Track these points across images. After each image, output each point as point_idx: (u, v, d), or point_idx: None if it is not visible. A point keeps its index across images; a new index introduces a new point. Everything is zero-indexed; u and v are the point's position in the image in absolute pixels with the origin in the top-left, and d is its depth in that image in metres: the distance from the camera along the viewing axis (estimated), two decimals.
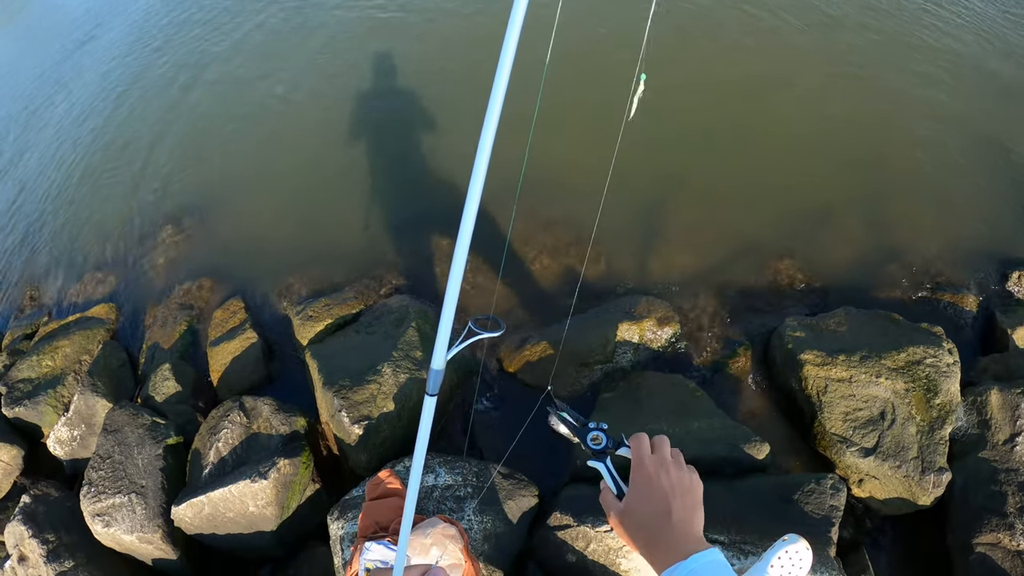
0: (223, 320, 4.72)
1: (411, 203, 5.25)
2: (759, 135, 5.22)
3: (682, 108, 5.35)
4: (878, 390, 3.49)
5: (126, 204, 6.12)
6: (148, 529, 3.77)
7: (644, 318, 4.14)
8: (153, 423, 4.13)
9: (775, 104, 5.46)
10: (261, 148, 6.12)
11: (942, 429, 3.41)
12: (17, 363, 4.99)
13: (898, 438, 3.38)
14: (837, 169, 4.96)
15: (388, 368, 3.91)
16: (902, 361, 3.56)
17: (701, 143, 5.22)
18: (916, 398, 3.45)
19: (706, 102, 5.48)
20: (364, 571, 3.00)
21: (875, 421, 3.45)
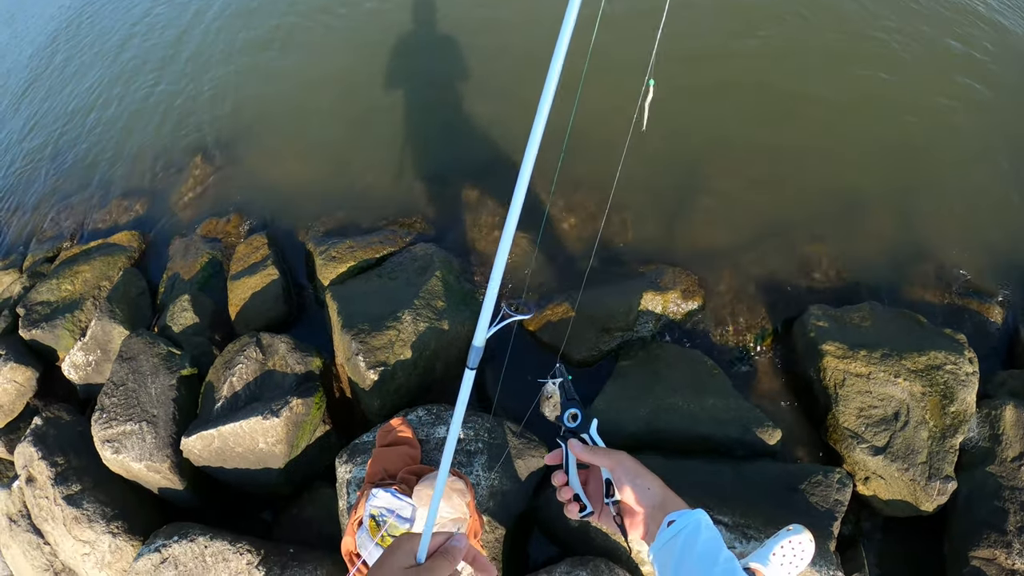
0: (245, 255, 4.64)
1: (444, 152, 5.12)
2: (797, 112, 4.99)
3: (721, 78, 5.17)
4: (895, 390, 3.42)
5: (159, 133, 6.06)
6: (157, 458, 3.73)
7: (669, 289, 4.04)
8: (169, 353, 4.07)
9: (816, 81, 5.19)
10: (298, 85, 6.01)
11: (953, 438, 3.34)
12: (37, 286, 4.96)
13: (909, 441, 3.32)
14: (874, 156, 4.74)
15: (408, 316, 3.82)
16: (922, 364, 3.48)
17: (737, 116, 5.00)
18: (932, 403, 3.39)
19: (746, 74, 5.25)
20: (369, 517, 2.93)
21: (888, 421, 3.39)
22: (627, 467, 1.22)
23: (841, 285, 4.18)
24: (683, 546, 1.10)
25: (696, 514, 1.14)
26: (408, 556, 1.07)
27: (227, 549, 3.39)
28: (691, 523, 1.12)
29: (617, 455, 1.24)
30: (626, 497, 1.21)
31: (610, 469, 1.24)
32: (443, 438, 3.38)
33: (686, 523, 1.12)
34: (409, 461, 3.20)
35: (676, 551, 1.10)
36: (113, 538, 3.69)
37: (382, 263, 4.37)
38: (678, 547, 1.10)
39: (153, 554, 3.48)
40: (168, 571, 3.44)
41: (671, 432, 3.47)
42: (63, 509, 3.77)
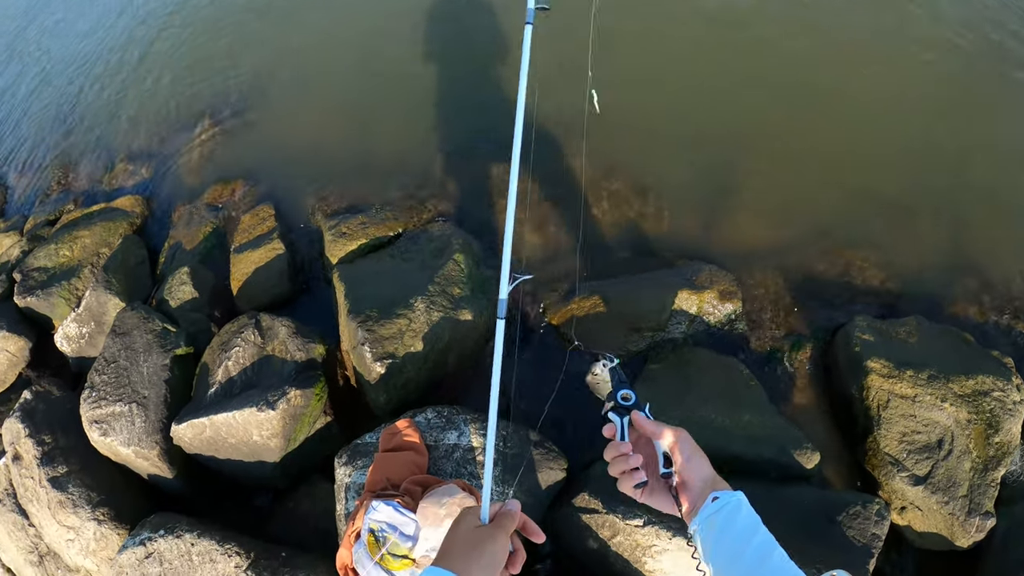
0: (251, 226, 4.34)
1: (471, 125, 4.74)
2: (851, 110, 4.60)
3: (772, 70, 4.80)
4: (941, 415, 3.20)
5: (168, 93, 5.77)
6: (145, 444, 3.48)
7: (705, 289, 3.71)
8: (164, 330, 3.80)
9: (870, 77, 4.76)
10: (318, 46, 5.65)
11: (996, 470, 3.13)
12: (35, 250, 4.72)
13: (951, 472, 3.11)
14: (928, 161, 4.36)
15: (421, 303, 3.49)
16: (969, 388, 3.24)
17: (789, 110, 4.63)
18: (976, 432, 3.17)
19: (798, 68, 4.85)
20: (368, 531, 2.65)
21: (932, 448, 3.17)
22: (688, 442, 1.30)
23: (886, 295, 3.91)
24: (724, 521, 1.19)
25: (738, 495, 1.24)
26: (475, 519, 1.24)
27: (215, 549, 3.14)
28: (733, 501, 1.22)
29: (679, 430, 1.32)
30: (682, 471, 1.28)
31: (673, 441, 1.30)
32: (453, 444, 3.07)
33: (728, 500, 1.22)
34: (414, 469, 2.89)
35: (717, 525, 1.19)
36: (98, 525, 3.46)
37: (395, 242, 4.06)
38: (719, 521, 1.20)
39: (138, 547, 3.25)
40: (153, 567, 3.20)
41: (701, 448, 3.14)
42: (48, 492, 3.55)
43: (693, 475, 1.27)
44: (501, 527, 1.21)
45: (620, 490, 1.31)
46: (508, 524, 1.22)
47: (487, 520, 1.24)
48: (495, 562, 1.17)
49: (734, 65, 4.79)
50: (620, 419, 1.38)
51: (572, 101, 3.05)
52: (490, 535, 1.19)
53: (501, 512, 1.25)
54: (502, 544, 1.19)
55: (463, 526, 1.22)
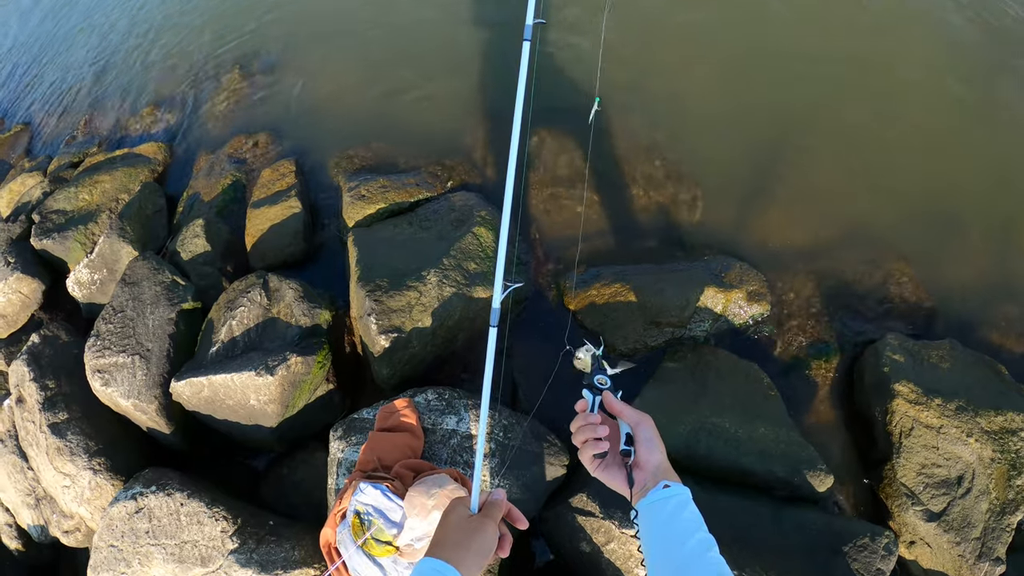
0: (270, 181, 4.22)
1: (502, 99, 4.52)
2: (904, 115, 4.28)
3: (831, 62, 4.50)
4: (964, 451, 3.02)
5: (198, 41, 5.68)
6: (145, 398, 3.41)
7: (734, 288, 3.51)
8: (173, 282, 3.71)
9: (930, 85, 4.42)
10: (351, 9, 5.45)
11: (1013, 515, 2.95)
12: (56, 192, 4.66)
13: (968, 512, 2.93)
14: (977, 179, 4.04)
15: (434, 276, 3.33)
16: (997, 425, 3.05)
17: (842, 104, 4.33)
18: (999, 472, 2.99)
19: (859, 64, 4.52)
20: (354, 513, 2.53)
21: (951, 484, 2.99)
22: (649, 427, 1.33)
23: (922, 313, 3.67)
24: (671, 511, 1.23)
25: (687, 490, 1.27)
26: (464, 510, 1.31)
27: (203, 511, 3.06)
28: (683, 495, 1.25)
29: (644, 415, 1.35)
30: (639, 452, 1.31)
31: (635, 423, 1.33)
32: (452, 429, 2.92)
33: (679, 492, 1.25)
34: (408, 453, 2.76)
35: (665, 512, 1.23)
36: (94, 475, 3.41)
37: (416, 209, 3.89)
38: (667, 510, 1.23)
39: (129, 501, 3.20)
40: (142, 522, 3.15)
41: (711, 459, 3.03)
42: (47, 437, 3.51)
43: (649, 458, 1.30)
44: (489, 516, 1.29)
45: (580, 459, 1.36)
46: (496, 513, 1.30)
47: (476, 510, 1.31)
48: (486, 549, 1.24)
49: (790, 54, 4.51)
50: (592, 396, 1.41)
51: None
52: (480, 525, 1.26)
53: (489, 502, 1.32)
54: (492, 532, 1.27)
55: (454, 516, 1.29)
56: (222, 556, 2.97)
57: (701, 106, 4.26)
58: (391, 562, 2.49)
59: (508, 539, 1.33)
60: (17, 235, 4.56)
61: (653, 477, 1.28)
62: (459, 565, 1.19)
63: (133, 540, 3.12)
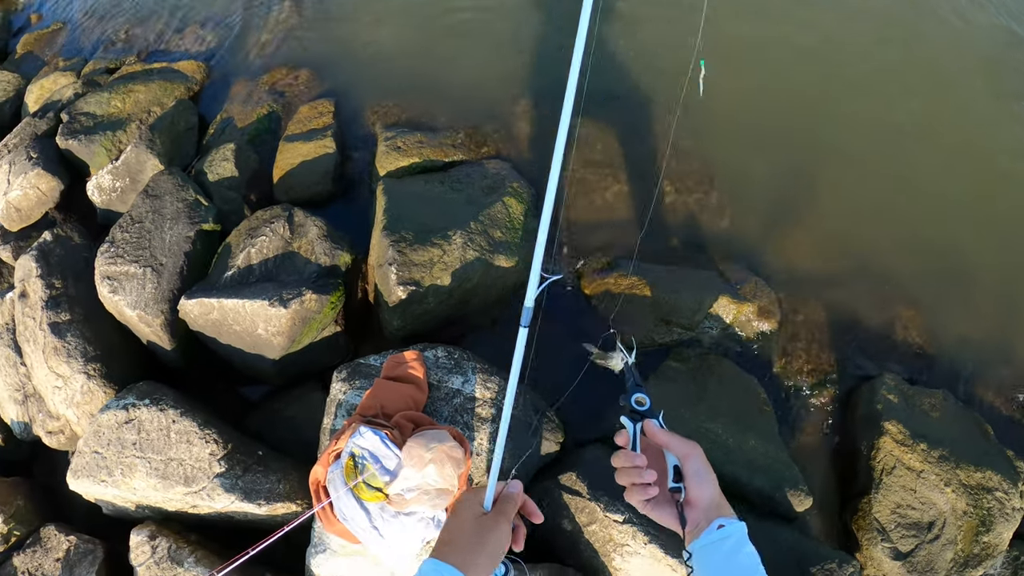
0: (307, 117, 4.18)
1: (550, 72, 4.48)
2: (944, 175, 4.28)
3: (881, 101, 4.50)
4: (940, 498, 3.10)
5: None
6: (152, 311, 3.39)
7: (747, 301, 3.54)
8: (196, 201, 3.68)
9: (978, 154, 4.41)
10: None
11: (975, 569, 3.06)
12: (88, 94, 4.61)
13: (933, 557, 3.02)
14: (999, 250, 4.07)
15: (460, 238, 3.32)
16: (975, 480, 3.14)
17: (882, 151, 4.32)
18: (968, 525, 3.07)
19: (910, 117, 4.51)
20: (348, 455, 2.53)
21: (921, 528, 3.07)
22: (698, 458, 1.23)
23: (920, 359, 3.71)
24: (728, 552, 1.16)
25: (742, 526, 1.19)
26: (476, 506, 1.22)
27: (194, 431, 3.06)
28: (738, 534, 1.17)
29: (692, 444, 1.25)
30: (690, 488, 1.21)
31: (684, 456, 1.24)
32: (456, 389, 2.92)
33: (735, 531, 1.17)
34: (411, 404, 2.76)
35: (722, 553, 1.16)
36: (87, 379, 3.39)
37: (448, 169, 3.86)
38: (723, 551, 1.16)
39: (120, 411, 3.19)
40: (130, 433, 3.14)
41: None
42: (46, 335, 3.49)
43: (701, 494, 1.21)
44: (503, 514, 1.20)
45: (626, 499, 1.27)
46: (510, 510, 1.22)
47: (490, 506, 1.22)
48: (498, 551, 1.17)
49: (846, 87, 4.50)
50: (633, 425, 1.32)
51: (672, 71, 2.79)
52: (493, 524, 1.18)
53: (503, 497, 1.23)
54: (505, 532, 1.19)
55: (465, 515, 1.21)
56: (207, 478, 2.96)
57: (744, 120, 4.25)
58: (378, 508, 2.50)
59: (521, 532, 1.26)
60: (43, 131, 4.51)
61: (706, 515, 1.20)
62: (468, 570, 1.10)
63: (119, 449, 3.11)
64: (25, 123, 4.60)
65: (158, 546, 3.04)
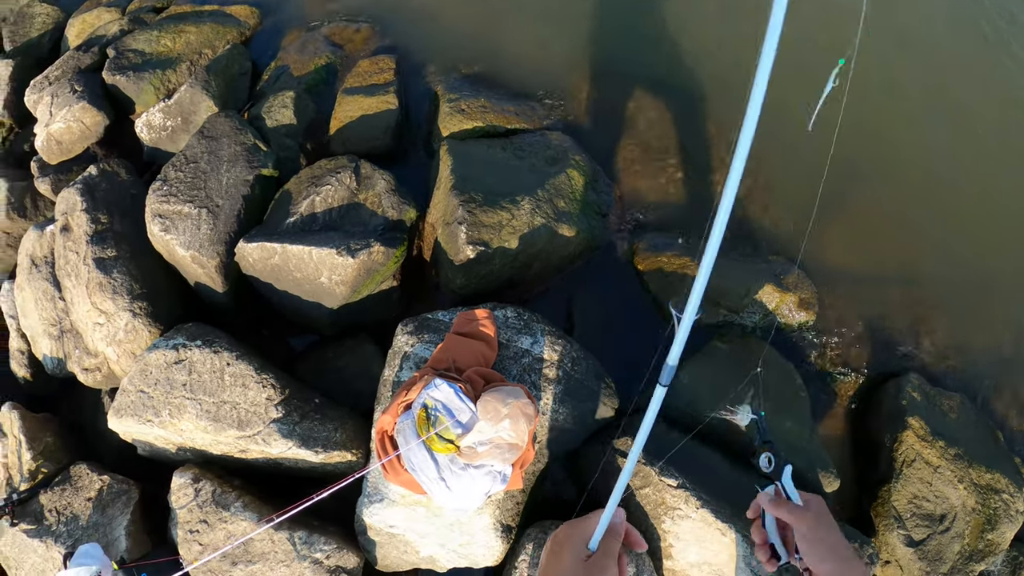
0: (368, 72, 4.12)
1: (619, 48, 4.44)
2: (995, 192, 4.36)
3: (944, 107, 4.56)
4: (953, 494, 3.25)
5: None
6: (206, 252, 3.34)
7: (789, 291, 3.63)
8: (254, 146, 3.63)
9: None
10: None
11: (979, 563, 3.23)
12: (136, 32, 4.51)
13: (942, 547, 3.18)
14: None
15: (528, 203, 3.32)
16: (985, 481, 3.30)
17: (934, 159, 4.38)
18: (976, 522, 3.24)
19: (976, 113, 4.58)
20: (421, 406, 2.52)
21: (934, 520, 3.23)
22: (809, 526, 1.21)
23: (942, 364, 3.84)
24: None
25: None
26: (580, 546, 1.11)
27: (250, 375, 3.04)
28: None
29: (802, 514, 1.23)
30: (807, 561, 1.20)
31: (795, 525, 1.23)
32: (525, 349, 2.92)
33: None
34: (482, 361, 2.76)
35: None
36: (132, 317, 3.34)
37: (510, 136, 3.84)
38: None
39: (170, 350, 3.15)
40: (180, 374, 3.11)
41: (740, 438, 3.19)
42: (90, 270, 3.43)
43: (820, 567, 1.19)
44: (608, 555, 1.11)
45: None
46: (615, 547, 1.12)
47: (596, 546, 1.11)
48: None
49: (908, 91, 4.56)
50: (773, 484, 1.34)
51: None
52: (600, 568, 1.08)
53: (609, 534, 1.12)
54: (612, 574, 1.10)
55: (568, 558, 1.09)
56: (263, 423, 2.94)
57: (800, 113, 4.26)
58: (448, 460, 2.49)
59: (624, 563, 1.17)
60: (87, 65, 4.42)
61: None
62: None
63: (167, 389, 3.08)
64: (68, 56, 4.51)
65: (202, 489, 3.01)
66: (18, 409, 3.48)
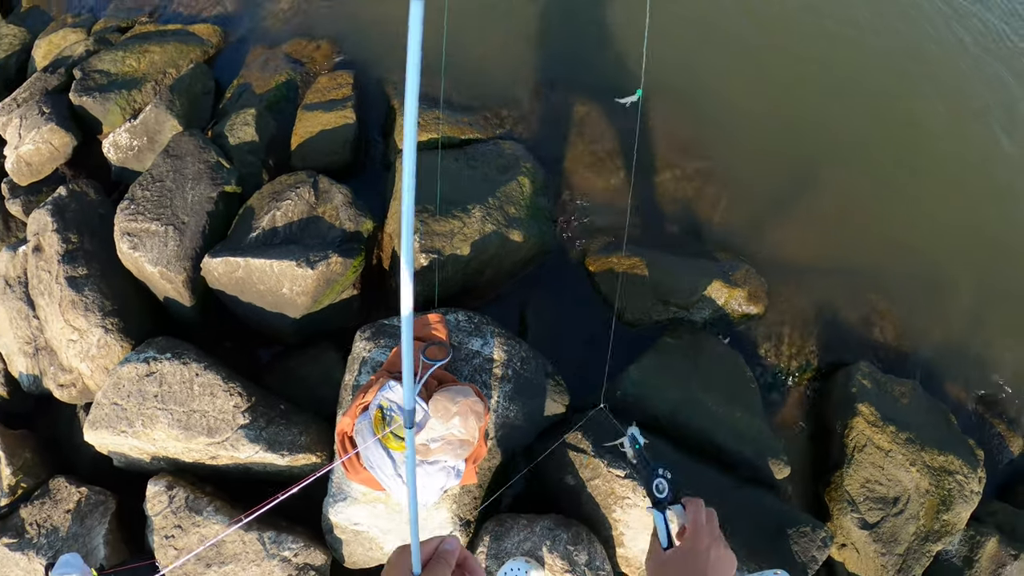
0: (326, 88, 4.25)
1: (566, 60, 4.64)
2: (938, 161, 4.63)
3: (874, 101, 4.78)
4: (905, 476, 3.38)
5: None
6: (173, 267, 3.47)
7: (738, 286, 3.80)
8: (218, 163, 3.75)
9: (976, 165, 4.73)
10: None
11: (935, 544, 3.35)
12: (101, 52, 4.61)
13: (896, 529, 3.30)
14: (989, 247, 4.43)
15: (479, 211, 3.48)
16: (938, 463, 3.44)
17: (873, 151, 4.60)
18: (930, 503, 3.36)
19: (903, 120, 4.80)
20: (377, 407, 2.67)
21: (887, 502, 3.36)
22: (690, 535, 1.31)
23: (893, 352, 4.03)
24: None
25: None
26: (404, 570, 1.09)
27: (218, 384, 3.16)
28: None
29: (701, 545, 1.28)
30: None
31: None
32: (476, 351, 3.08)
33: None
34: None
35: None
36: (104, 333, 3.46)
37: (464, 147, 3.99)
38: None
39: (141, 364, 3.27)
40: (151, 386, 3.23)
41: (691, 429, 3.36)
42: (62, 289, 3.53)
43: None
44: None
45: None
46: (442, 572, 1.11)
47: (419, 571, 1.11)
48: None
49: (844, 79, 4.77)
50: (662, 517, 1.38)
51: None
52: None
53: (437, 556, 1.13)
54: None
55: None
56: (231, 429, 3.08)
57: (745, 113, 4.46)
58: (403, 457, 2.64)
59: None
60: (54, 87, 4.51)
61: None
62: None
63: (139, 401, 3.20)
64: (35, 78, 4.60)
65: (175, 495, 3.14)
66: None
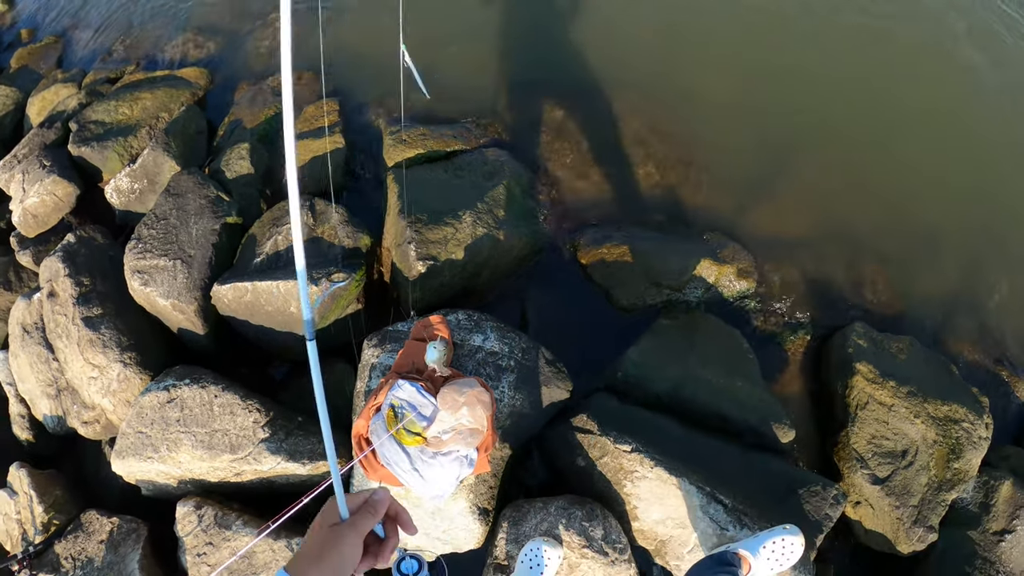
0: (313, 116, 4.45)
1: (540, 64, 4.84)
2: (914, 123, 4.70)
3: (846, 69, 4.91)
4: (910, 429, 3.41)
5: None
6: (184, 299, 3.63)
7: (727, 263, 3.92)
8: (217, 197, 3.93)
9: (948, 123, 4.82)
10: None
11: (949, 492, 3.35)
12: (94, 104, 4.80)
13: (908, 481, 3.32)
14: (969, 197, 4.49)
15: (469, 217, 3.65)
16: (942, 413, 3.45)
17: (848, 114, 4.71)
18: (939, 453, 3.38)
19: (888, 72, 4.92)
20: (388, 406, 2.82)
21: (895, 456, 3.38)
22: None
23: (889, 311, 4.09)
24: None
25: None
26: (333, 515, 1.15)
27: (236, 403, 3.31)
28: None
29: None
30: None
31: None
32: (478, 346, 3.24)
33: None
34: None
35: None
36: (124, 368, 3.60)
37: (451, 158, 4.17)
38: None
39: (161, 392, 3.42)
40: (173, 411, 3.37)
41: (694, 403, 3.45)
42: (79, 329, 3.69)
43: None
44: (354, 527, 1.14)
45: None
46: (364, 523, 1.15)
47: (347, 515, 1.15)
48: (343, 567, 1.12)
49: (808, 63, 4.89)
50: None
51: None
52: (339, 537, 1.12)
53: (364, 506, 1.17)
54: (351, 545, 1.13)
55: (318, 522, 1.15)
56: (252, 444, 3.22)
57: (717, 98, 4.62)
58: (418, 451, 2.79)
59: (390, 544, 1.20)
60: (51, 140, 4.69)
61: None
62: None
63: (163, 427, 3.35)
64: (33, 134, 4.78)
65: (204, 514, 3.28)
66: (26, 467, 3.68)
